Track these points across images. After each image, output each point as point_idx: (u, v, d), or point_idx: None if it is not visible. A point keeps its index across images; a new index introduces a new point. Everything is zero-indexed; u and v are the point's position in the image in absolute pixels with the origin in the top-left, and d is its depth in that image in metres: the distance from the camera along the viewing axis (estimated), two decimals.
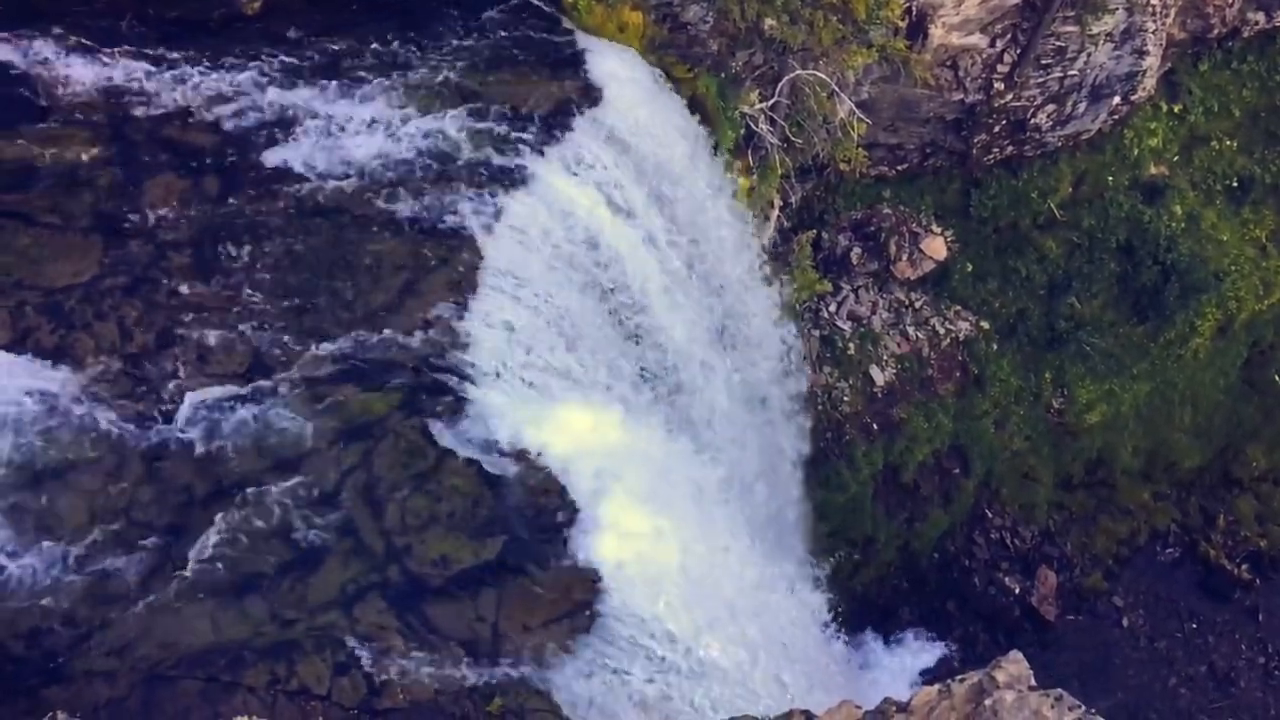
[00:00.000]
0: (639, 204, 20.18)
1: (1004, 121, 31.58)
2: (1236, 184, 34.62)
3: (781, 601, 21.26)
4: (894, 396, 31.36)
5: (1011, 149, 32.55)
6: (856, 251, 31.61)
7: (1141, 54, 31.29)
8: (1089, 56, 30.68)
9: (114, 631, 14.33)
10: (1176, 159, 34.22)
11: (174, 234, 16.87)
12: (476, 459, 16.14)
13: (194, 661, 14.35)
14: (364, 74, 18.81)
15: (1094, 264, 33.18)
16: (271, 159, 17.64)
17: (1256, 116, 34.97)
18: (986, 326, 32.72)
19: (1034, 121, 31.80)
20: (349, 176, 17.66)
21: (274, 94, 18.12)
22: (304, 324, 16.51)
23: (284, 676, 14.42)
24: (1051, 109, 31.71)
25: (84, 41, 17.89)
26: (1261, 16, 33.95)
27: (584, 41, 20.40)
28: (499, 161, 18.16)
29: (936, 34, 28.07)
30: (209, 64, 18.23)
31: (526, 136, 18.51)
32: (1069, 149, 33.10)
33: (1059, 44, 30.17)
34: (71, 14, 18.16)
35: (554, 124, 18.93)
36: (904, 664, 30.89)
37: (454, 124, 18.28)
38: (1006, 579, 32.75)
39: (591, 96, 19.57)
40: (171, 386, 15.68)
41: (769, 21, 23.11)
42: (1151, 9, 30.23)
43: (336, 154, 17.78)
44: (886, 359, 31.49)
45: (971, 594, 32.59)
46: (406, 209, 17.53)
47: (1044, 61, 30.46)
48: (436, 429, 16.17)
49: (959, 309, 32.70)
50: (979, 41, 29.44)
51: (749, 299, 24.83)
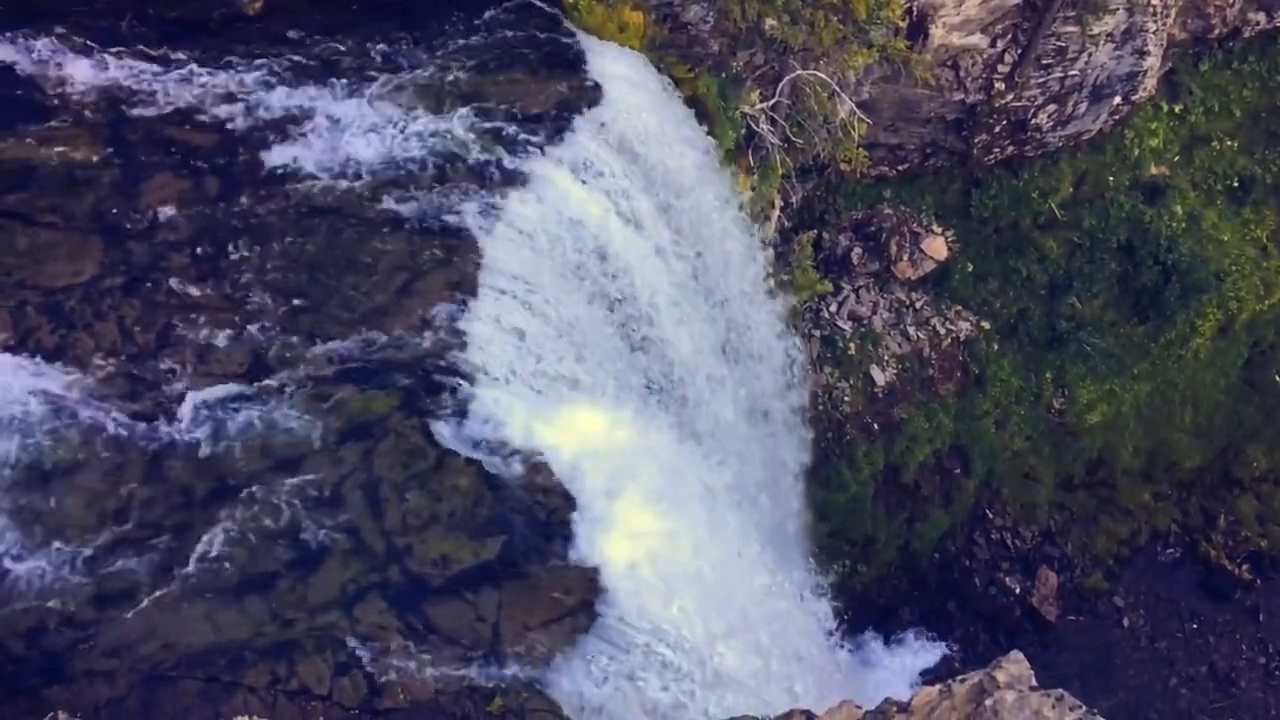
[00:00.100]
0: (648, 214, 20.14)
1: (1005, 121, 31.57)
2: (1237, 184, 34.62)
3: (791, 609, 21.19)
4: (895, 396, 31.36)
5: (1012, 149, 32.54)
6: (857, 251, 31.60)
7: (1142, 54, 31.28)
8: (1090, 57, 30.67)
9: (115, 631, 14.32)
10: (1177, 159, 34.20)
11: (174, 234, 16.87)
12: (477, 459, 16.12)
13: (194, 661, 14.33)
14: (372, 73, 18.79)
15: (1095, 264, 33.16)
16: (274, 158, 17.64)
17: (1257, 117, 34.96)
18: (987, 326, 32.70)
19: (1035, 121, 31.79)
20: (350, 176, 17.65)
21: (280, 93, 18.12)
22: (303, 324, 16.50)
23: (284, 676, 14.39)
24: (1052, 109, 31.70)
25: (84, 41, 17.90)
26: (1262, 17, 33.94)
27: (585, 42, 20.38)
28: (502, 160, 18.14)
29: (937, 34, 28.07)
30: (211, 64, 18.23)
31: (529, 136, 18.49)
32: (1070, 149, 33.09)
33: (1060, 44, 30.16)
34: (72, 14, 18.17)
35: (556, 124, 18.93)
36: (904, 664, 30.88)
37: (461, 124, 18.25)
38: (1007, 579, 32.74)
39: (592, 97, 19.55)
40: (172, 387, 15.66)
41: (770, 21, 23.11)
42: (1152, 9, 30.22)
43: (341, 153, 17.78)
44: (887, 359, 31.48)
45: (972, 594, 32.57)
46: (408, 208, 17.52)
47: (1045, 62, 30.45)
48: (438, 428, 16.14)
49: (960, 309, 32.69)
50: (980, 41, 29.43)
51: (753, 312, 24.80)
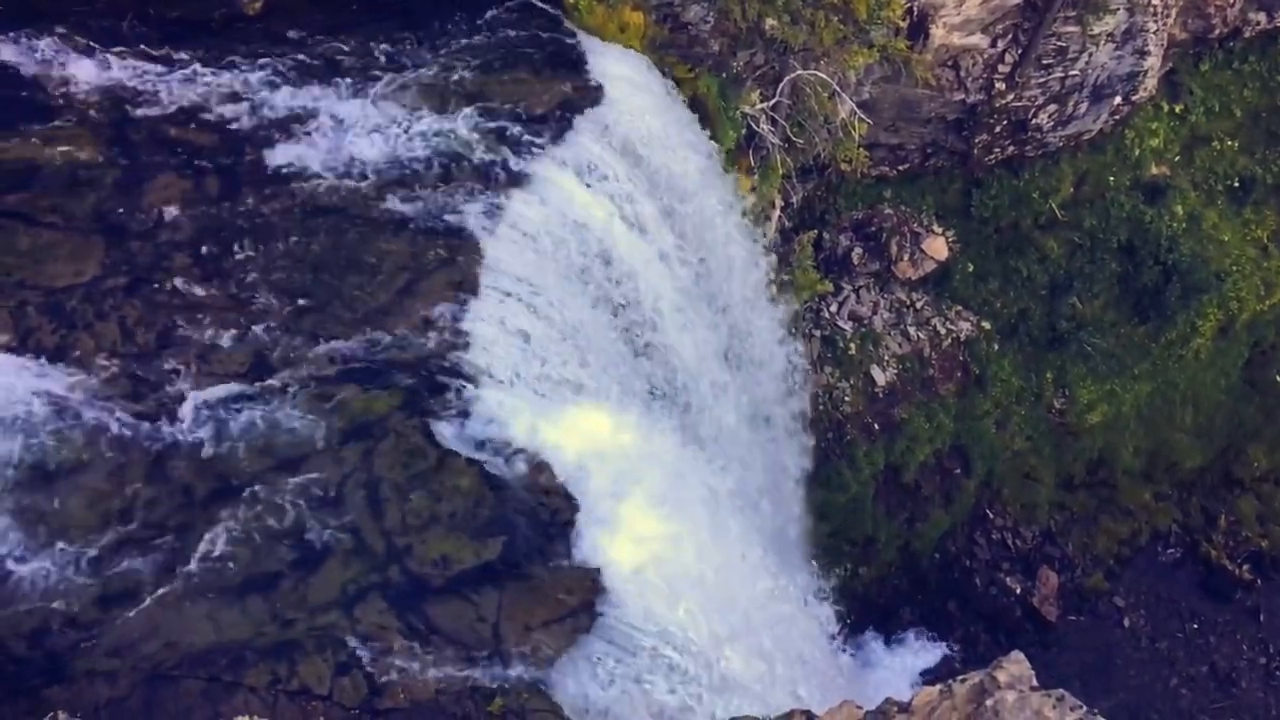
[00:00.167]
0: (651, 219, 20.13)
1: (1005, 121, 31.57)
2: (1238, 184, 34.63)
3: (794, 613, 21.18)
4: (895, 396, 31.36)
5: (1013, 149, 32.54)
6: (858, 252, 31.60)
7: (1143, 54, 31.28)
8: (1090, 57, 30.67)
9: (117, 631, 14.32)
10: (1178, 159, 34.21)
11: (177, 234, 16.87)
12: (479, 460, 16.12)
13: (195, 661, 14.34)
14: (376, 73, 18.80)
15: (1095, 264, 33.16)
16: (278, 158, 17.64)
17: (1258, 117, 34.97)
18: (988, 326, 32.71)
19: (1035, 121, 31.79)
20: (354, 176, 17.66)
21: (284, 93, 18.13)
22: (306, 323, 16.51)
23: (285, 676, 14.40)
24: (1053, 109, 31.70)
25: (86, 42, 17.90)
26: (1263, 17, 33.94)
27: (587, 42, 20.38)
28: (507, 161, 18.14)
29: (937, 34, 28.08)
30: (215, 64, 18.24)
31: (533, 137, 18.49)
32: (1070, 149, 33.09)
33: (1060, 44, 30.16)
34: (73, 14, 18.17)
35: (559, 124, 18.93)
36: (905, 664, 30.89)
37: (465, 123, 18.24)
38: (1008, 579, 32.75)
39: (595, 97, 19.56)
40: (175, 387, 15.66)
41: (770, 22, 23.11)
42: (1153, 9, 30.22)
43: (345, 153, 17.78)
44: (888, 359, 31.48)
45: (973, 594, 32.58)
46: (411, 208, 17.53)
47: (1045, 62, 30.46)
48: (440, 429, 16.14)
49: (960, 309, 32.69)
50: (980, 41, 29.43)
51: (755, 318, 24.79)
